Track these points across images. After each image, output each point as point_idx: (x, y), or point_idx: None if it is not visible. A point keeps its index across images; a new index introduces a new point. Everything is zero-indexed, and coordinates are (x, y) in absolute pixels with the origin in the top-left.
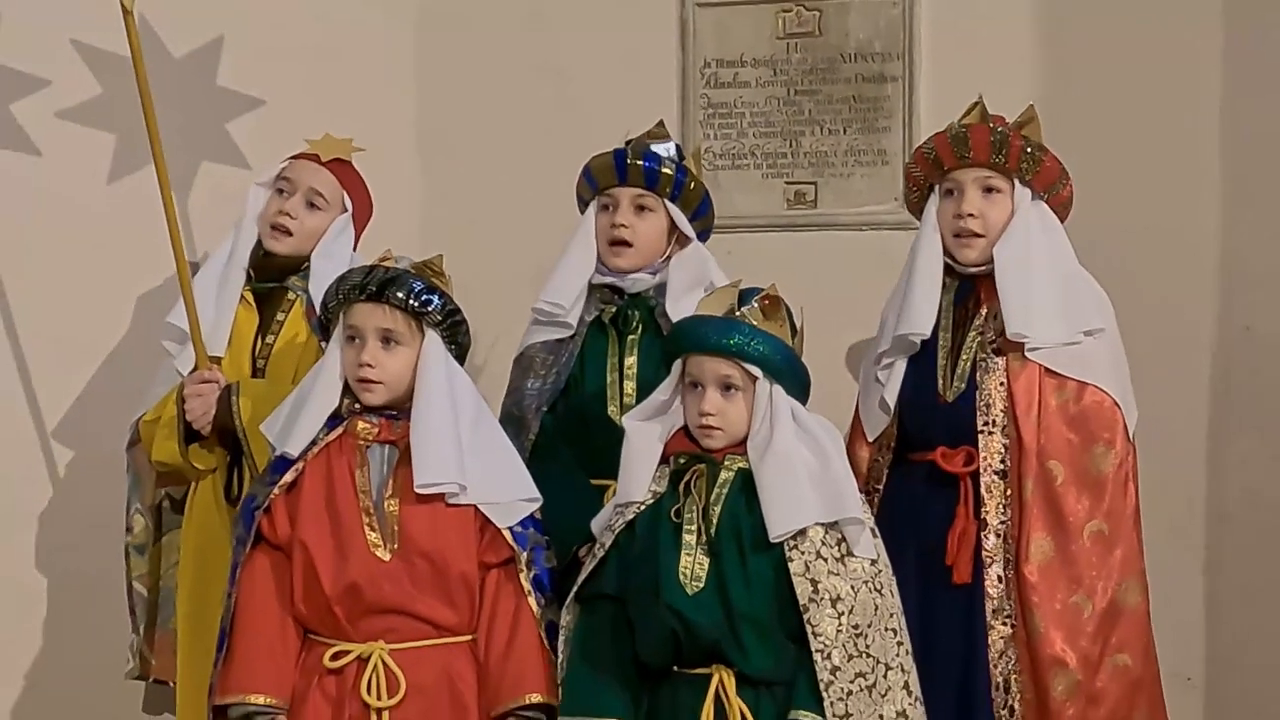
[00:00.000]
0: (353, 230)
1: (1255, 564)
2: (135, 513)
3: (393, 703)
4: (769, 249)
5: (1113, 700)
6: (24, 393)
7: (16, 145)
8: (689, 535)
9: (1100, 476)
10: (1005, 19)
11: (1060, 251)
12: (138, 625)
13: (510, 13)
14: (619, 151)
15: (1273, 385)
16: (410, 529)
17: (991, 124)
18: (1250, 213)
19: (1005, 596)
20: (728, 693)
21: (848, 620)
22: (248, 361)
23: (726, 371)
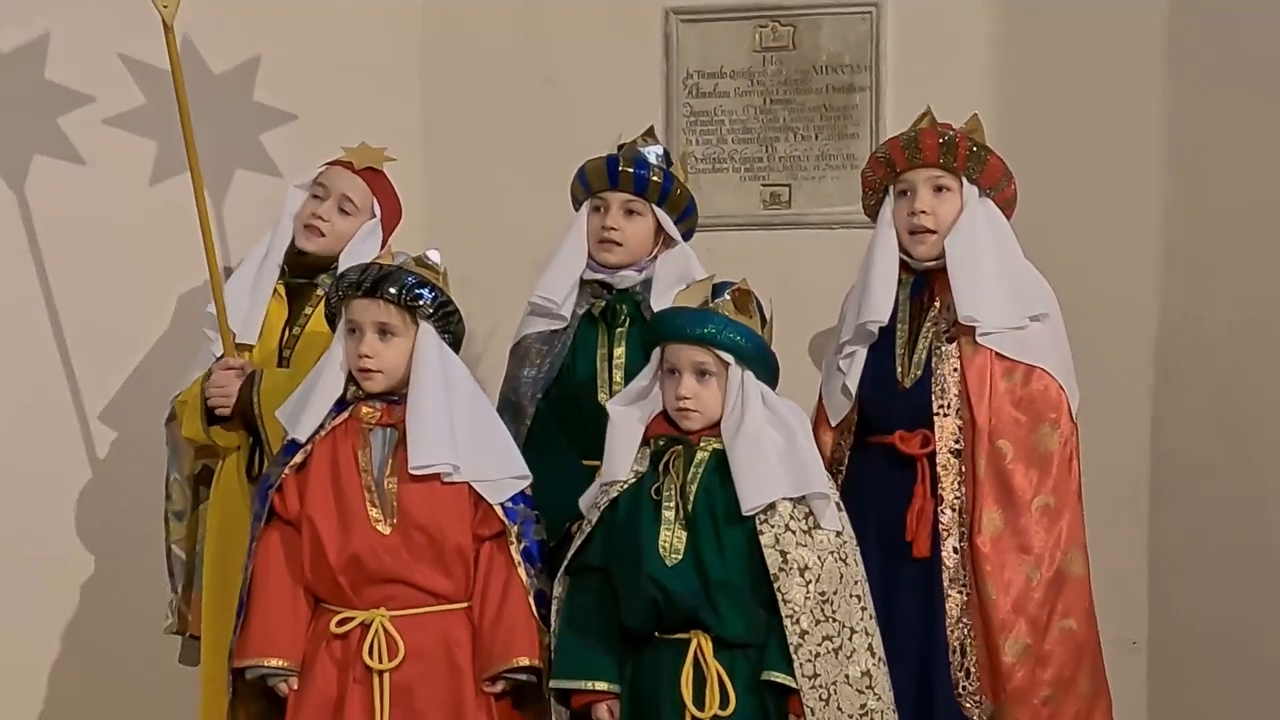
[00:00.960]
0: (380, 234)
1: (1196, 537)
2: (174, 482)
3: (393, 665)
4: (746, 246)
5: (1059, 662)
6: (69, 380)
7: (63, 154)
8: (668, 511)
9: (1047, 454)
10: (964, 34)
11: (1006, 244)
12: (175, 585)
13: (507, 28)
14: (612, 158)
15: (1211, 370)
16: (408, 504)
17: (939, 129)
18: (1189, 212)
19: (960, 567)
20: (705, 656)
21: (815, 588)
22: (275, 350)
23: (701, 359)
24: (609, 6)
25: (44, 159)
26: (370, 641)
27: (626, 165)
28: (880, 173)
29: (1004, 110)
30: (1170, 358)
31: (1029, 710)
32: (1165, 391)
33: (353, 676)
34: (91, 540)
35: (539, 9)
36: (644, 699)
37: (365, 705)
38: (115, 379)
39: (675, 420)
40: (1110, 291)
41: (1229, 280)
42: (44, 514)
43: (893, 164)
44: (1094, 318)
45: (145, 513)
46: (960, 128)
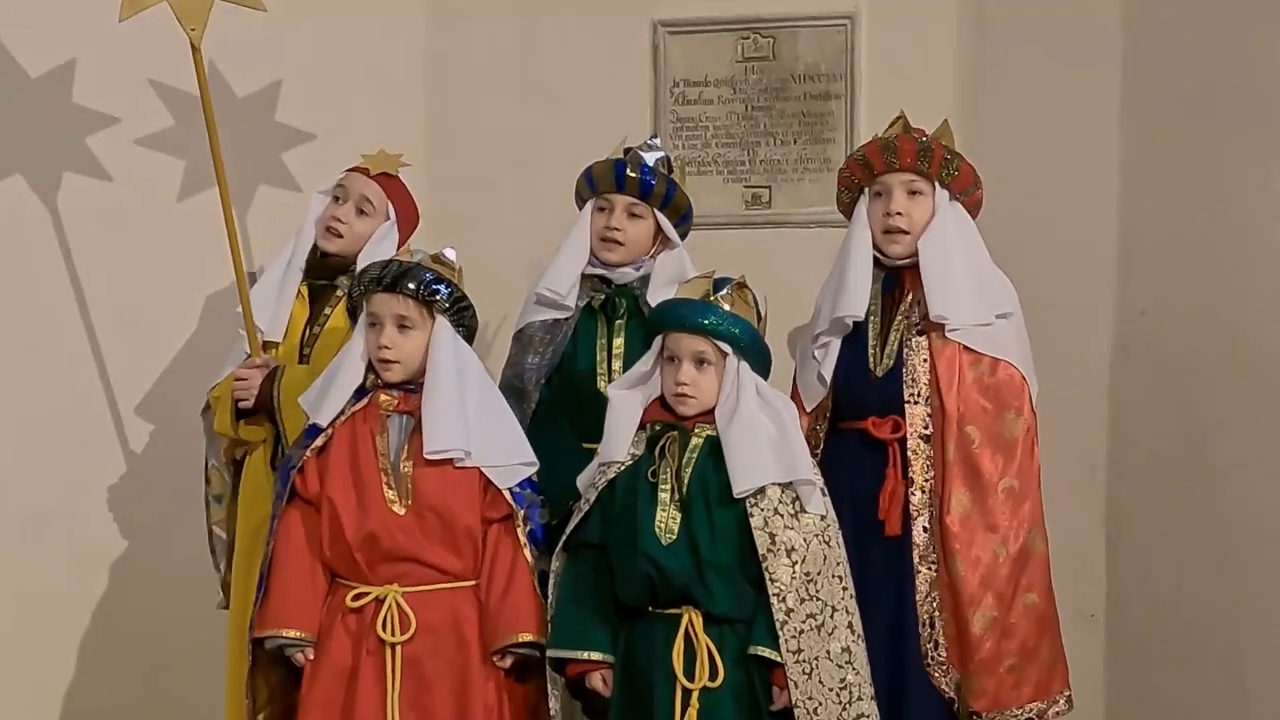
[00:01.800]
0: (396, 236)
1: (1150, 516)
2: (212, 468)
3: (405, 638)
4: (730, 244)
5: (1023, 633)
6: (104, 377)
7: (92, 171)
8: (664, 493)
9: (1011, 440)
10: (932, 46)
11: (974, 246)
12: (218, 563)
13: (504, 40)
14: (619, 162)
15: (1163, 360)
16: (422, 487)
17: (915, 135)
18: (1144, 213)
19: (929, 545)
20: (696, 630)
21: (800, 568)
22: (297, 346)
23: (701, 348)
24: (600, 20)
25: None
26: (384, 616)
27: (633, 171)
28: (858, 174)
29: (970, 116)
30: (1126, 348)
31: (995, 678)
32: (1121, 379)
33: (366, 648)
34: (125, 523)
35: (535, 23)
36: (636, 670)
37: (378, 676)
38: (149, 374)
39: (672, 406)
40: (1070, 286)
41: (1179, 275)
42: (81, 498)
43: (870, 166)
44: (1055, 310)
45: (177, 498)
46: (932, 133)
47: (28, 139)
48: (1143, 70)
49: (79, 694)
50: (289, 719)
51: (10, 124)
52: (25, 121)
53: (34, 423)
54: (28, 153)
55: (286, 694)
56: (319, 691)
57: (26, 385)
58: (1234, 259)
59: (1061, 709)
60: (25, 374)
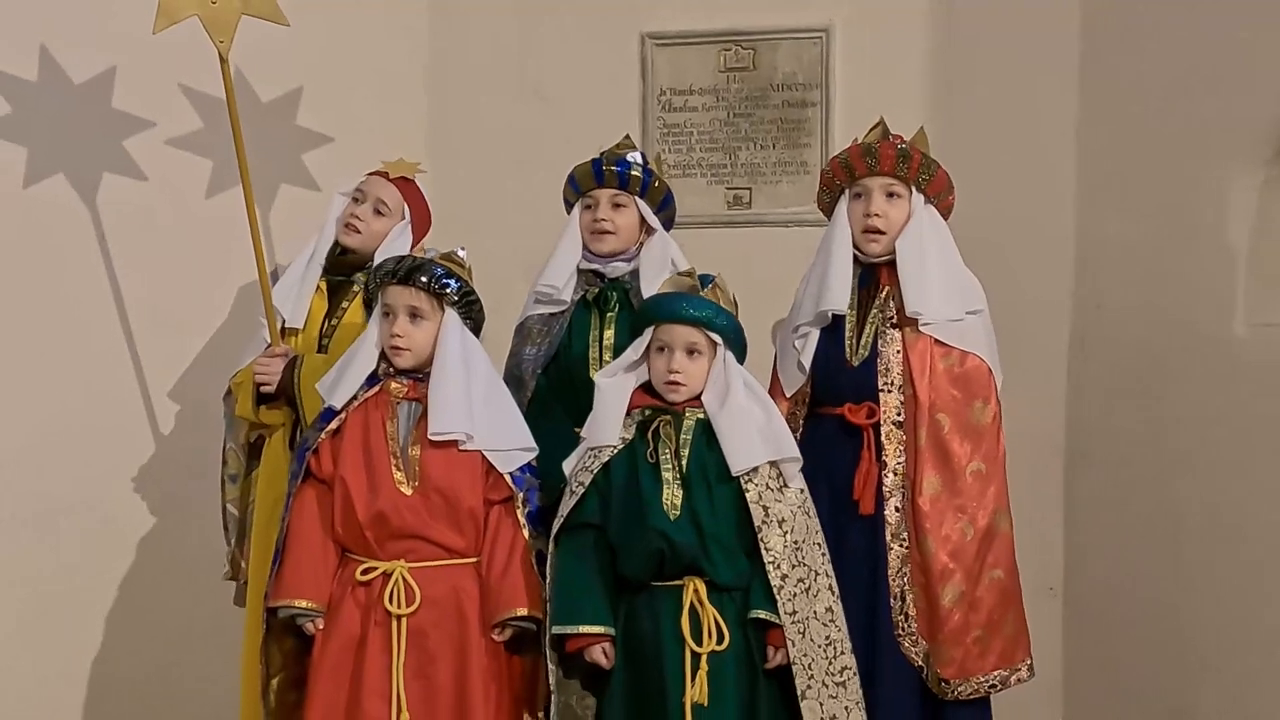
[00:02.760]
0: (410, 236)
1: (1105, 496)
2: (230, 450)
3: (410, 611)
4: (713, 242)
5: (989, 606)
6: (136, 363)
7: (135, 170)
8: (667, 473)
9: (979, 426)
10: (902, 57)
11: (948, 247)
12: (229, 538)
13: (502, 50)
14: (596, 160)
15: (1118, 351)
16: (429, 470)
17: (895, 140)
18: (1100, 215)
19: (901, 524)
20: (701, 598)
21: (790, 537)
22: (316, 337)
23: (693, 338)
24: (592, 31)
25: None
26: (390, 589)
27: (610, 165)
28: (840, 176)
29: (937, 124)
30: (1083, 340)
31: (962, 648)
32: (1078, 368)
33: (374, 620)
34: (153, 501)
35: (532, 33)
36: (640, 640)
37: (384, 645)
38: (177, 363)
39: (662, 393)
40: (1031, 281)
41: (1133, 272)
42: (111, 482)
43: (852, 169)
44: (1017, 304)
45: (200, 481)
46: (909, 140)
47: (68, 141)
48: (1099, 79)
49: (104, 665)
50: (300, 686)
51: (51, 127)
52: (66, 124)
53: (66, 410)
54: (68, 154)
55: (299, 661)
56: (329, 659)
57: (60, 374)
58: (1184, 257)
59: (1023, 676)
60: (59, 363)
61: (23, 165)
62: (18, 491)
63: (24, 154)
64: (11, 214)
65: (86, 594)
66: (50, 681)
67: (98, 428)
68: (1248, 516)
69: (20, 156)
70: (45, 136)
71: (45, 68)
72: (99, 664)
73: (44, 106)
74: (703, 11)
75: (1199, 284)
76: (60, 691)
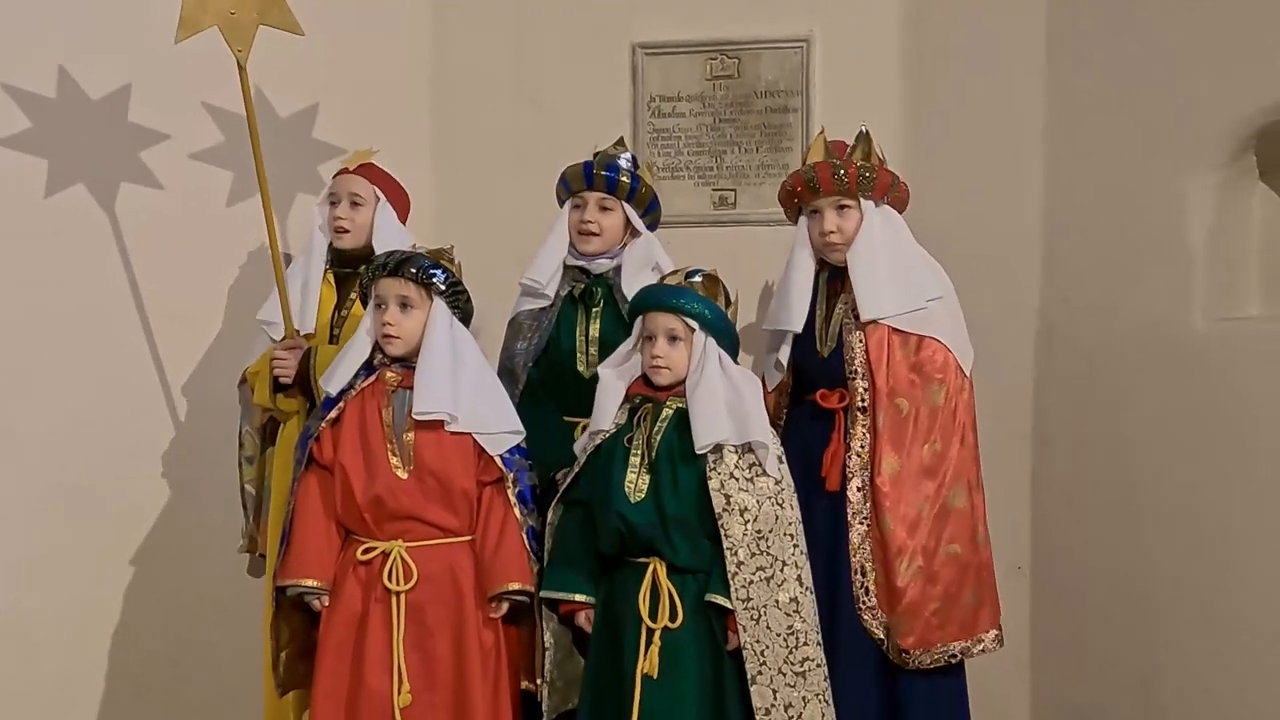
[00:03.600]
0: (392, 211)
1: (1070, 479)
2: (245, 433)
3: (408, 587)
4: (699, 240)
5: (946, 580)
6: (155, 356)
7: (146, 179)
8: (635, 457)
9: (935, 409)
10: (877, 66)
11: (903, 242)
12: (247, 515)
13: (501, 60)
14: (588, 164)
15: (1083, 344)
16: (423, 454)
17: (832, 160)
18: (1066, 215)
19: (862, 503)
20: (660, 578)
21: (752, 526)
22: (327, 326)
23: (672, 325)
24: (586, 41)
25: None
26: (389, 567)
27: (600, 169)
28: (791, 202)
29: (911, 128)
30: (1050, 332)
31: (921, 620)
32: (1045, 360)
33: (374, 596)
34: (170, 482)
35: (528, 44)
36: (614, 611)
37: (385, 620)
38: (191, 356)
39: (649, 377)
40: (1000, 277)
41: (1096, 268)
42: (132, 461)
43: (800, 195)
44: (989, 299)
45: (214, 464)
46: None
47: (89, 149)
48: (1064, 87)
49: (124, 635)
50: (309, 658)
51: (75, 137)
52: (86, 133)
53: (90, 399)
54: (88, 161)
55: (307, 635)
56: (333, 634)
57: (84, 366)
58: (1146, 255)
59: (988, 646)
60: (84, 356)
61: (45, 174)
62: (47, 472)
63: (45, 164)
64: (40, 217)
65: (109, 569)
66: (74, 651)
67: (119, 414)
68: (1202, 499)
69: (41, 166)
70: (67, 147)
71: (63, 83)
72: (119, 634)
73: (64, 117)
74: (690, 23)
75: (1159, 281)
76: (83, 660)
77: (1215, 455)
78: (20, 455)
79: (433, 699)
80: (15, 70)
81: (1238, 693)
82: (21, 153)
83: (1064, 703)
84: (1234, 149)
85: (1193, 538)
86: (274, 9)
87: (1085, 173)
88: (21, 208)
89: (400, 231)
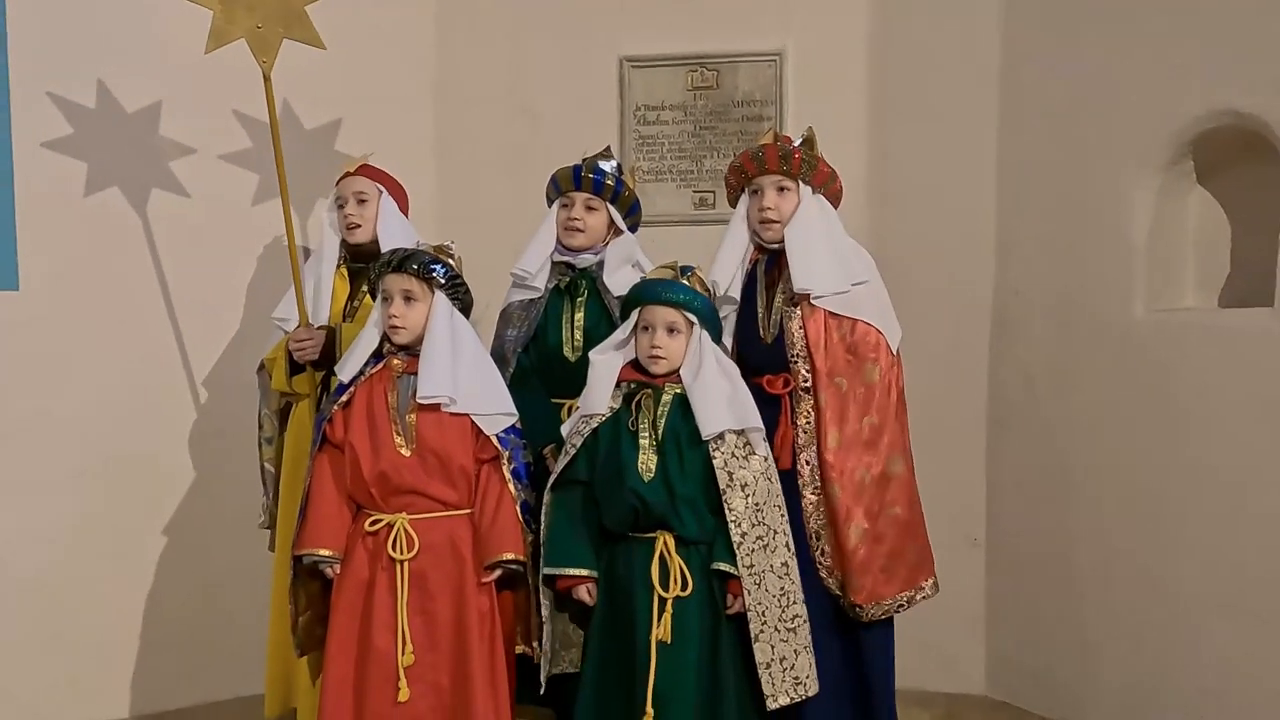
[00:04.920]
0: (393, 203)
1: (1021, 457)
2: (264, 415)
3: (410, 556)
4: (681, 238)
5: (890, 539)
6: (180, 343)
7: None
8: (644, 440)
9: (871, 385)
10: (843, 78)
11: (834, 229)
12: (267, 491)
13: (499, 72)
14: (576, 167)
15: (1033, 332)
16: (424, 434)
17: (780, 145)
18: (1017, 214)
19: (812, 474)
20: (669, 550)
21: (752, 500)
22: (340, 317)
23: (673, 318)
24: (576, 55)
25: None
26: (394, 538)
27: (588, 172)
28: (737, 177)
29: (876, 134)
30: (1002, 321)
31: (870, 576)
32: (998, 347)
33: (381, 564)
34: (197, 458)
35: (523, 58)
36: (618, 584)
37: (390, 586)
38: (217, 344)
39: (646, 366)
40: (958, 270)
41: (1045, 262)
42: (164, 438)
43: (745, 171)
44: (946, 291)
45: (233, 443)
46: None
47: (124, 158)
48: (1017, 98)
49: (155, 599)
50: (324, 622)
51: (111, 142)
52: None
53: (126, 381)
54: (125, 169)
55: (323, 601)
56: (344, 599)
57: (122, 351)
58: (1091, 251)
59: (927, 593)
60: (121, 343)
61: (83, 177)
62: (84, 448)
63: (84, 168)
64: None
65: (139, 536)
66: (109, 610)
67: (149, 396)
68: (1142, 476)
69: (81, 170)
70: (104, 154)
71: (101, 97)
72: (151, 596)
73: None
74: (673, 38)
75: (1103, 274)
76: (117, 619)
77: (1154, 435)
78: (60, 433)
79: (434, 658)
80: (59, 80)
81: (1171, 651)
82: (66, 156)
83: (1015, 662)
84: (1173, 155)
85: (1133, 511)
86: (298, 24)
87: (1036, 176)
88: (63, 207)
89: (402, 220)
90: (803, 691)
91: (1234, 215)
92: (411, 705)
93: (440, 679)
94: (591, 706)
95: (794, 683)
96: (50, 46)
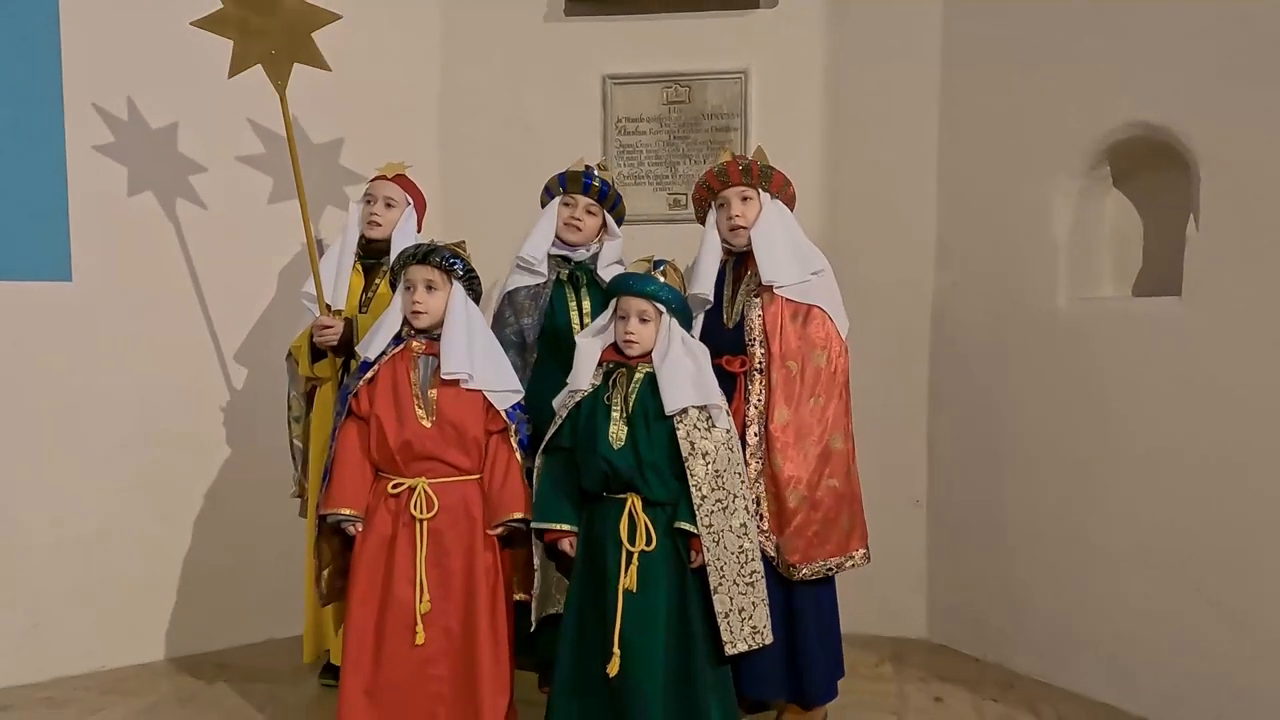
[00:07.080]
0: (415, 216)
1: (959, 429)
2: (293, 397)
3: (430, 515)
4: (657, 236)
5: (826, 507)
6: (211, 329)
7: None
8: (615, 412)
9: (819, 368)
10: (802, 92)
11: (791, 228)
12: (296, 465)
13: (497, 87)
14: (587, 174)
15: (969, 319)
16: (443, 407)
17: (738, 159)
18: (955, 215)
19: (760, 445)
20: (637, 510)
21: (712, 467)
22: (355, 308)
23: (643, 308)
24: (565, 74)
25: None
26: (415, 499)
27: (595, 182)
28: (705, 194)
29: (830, 143)
30: (942, 310)
31: (805, 540)
32: (937, 333)
33: (402, 522)
34: (232, 430)
35: (518, 75)
36: (595, 538)
37: (410, 542)
38: (247, 325)
39: (622, 349)
40: (902, 265)
41: (980, 257)
42: (198, 417)
43: (712, 188)
44: (891, 283)
45: (262, 418)
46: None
47: (162, 163)
48: (955, 111)
49: (195, 554)
50: (346, 575)
51: (150, 153)
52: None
53: (169, 362)
54: (163, 173)
55: (344, 556)
56: (367, 553)
57: (163, 336)
58: (1019, 247)
59: (858, 561)
60: (162, 331)
61: (127, 180)
62: (132, 420)
63: (126, 173)
64: (131, 215)
65: (182, 498)
66: (154, 563)
67: (190, 375)
68: (1066, 446)
69: (125, 174)
70: (140, 160)
71: (131, 114)
72: (190, 552)
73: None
74: (650, 58)
75: (1031, 268)
76: (161, 572)
77: (1076, 410)
78: (110, 407)
79: (447, 606)
80: (106, 95)
81: (1091, 599)
82: (113, 161)
83: (954, 613)
84: (1091, 161)
85: (1058, 477)
86: (305, 50)
87: (971, 180)
88: (110, 207)
89: (414, 236)
90: (760, 640)
91: (1145, 214)
92: (426, 647)
93: (451, 624)
94: (572, 647)
95: (752, 631)
96: (99, 66)
